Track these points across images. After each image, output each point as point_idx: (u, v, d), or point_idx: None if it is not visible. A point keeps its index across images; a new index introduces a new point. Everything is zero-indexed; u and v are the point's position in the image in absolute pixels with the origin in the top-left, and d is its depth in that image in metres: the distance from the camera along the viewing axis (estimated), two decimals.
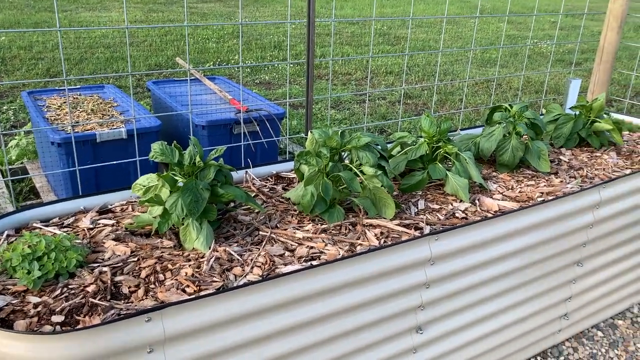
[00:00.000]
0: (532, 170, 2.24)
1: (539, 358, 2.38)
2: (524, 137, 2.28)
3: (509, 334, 2.14)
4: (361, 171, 1.82)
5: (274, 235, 1.68)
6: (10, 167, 3.79)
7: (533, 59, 8.54)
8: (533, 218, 1.94)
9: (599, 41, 3.55)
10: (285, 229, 1.72)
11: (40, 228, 1.67)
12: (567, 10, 13.48)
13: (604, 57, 3.51)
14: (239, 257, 1.55)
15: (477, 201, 1.95)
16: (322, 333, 1.58)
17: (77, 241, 1.59)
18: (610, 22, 3.42)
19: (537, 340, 2.32)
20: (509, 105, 2.31)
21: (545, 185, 2.10)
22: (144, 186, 1.66)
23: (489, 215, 1.87)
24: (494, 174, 2.20)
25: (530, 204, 1.96)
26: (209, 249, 1.56)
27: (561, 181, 2.15)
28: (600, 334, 2.54)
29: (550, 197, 2.01)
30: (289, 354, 1.52)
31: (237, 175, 2.08)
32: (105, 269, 1.47)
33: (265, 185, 2.04)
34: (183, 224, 1.59)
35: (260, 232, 1.70)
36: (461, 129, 2.57)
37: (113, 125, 3.21)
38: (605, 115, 2.58)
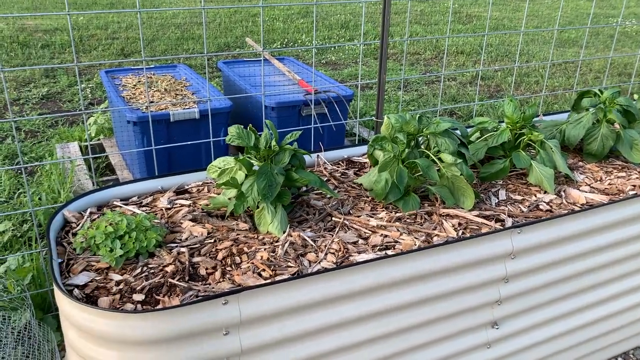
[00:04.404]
0: (622, 161, 2.08)
1: (619, 359, 2.25)
2: (615, 125, 2.12)
3: (588, 333, 2.03)
4: (439, 158, 1.75)
5: (347, 222, 1.65)
6: (88, 143, 3.95)
7: (616, 39, 8.00)
8: (624, 212, 1.80)
9: None
10: (359, 216, 1.69)
11: (120, 207, 1.71)
12: None
13: None
14: (312, 243, 1.53)
15: (562, 193, 1.84)
16: (395, 323, 1.54)
17: (156, 221, 1.62)
18: None
19: (620, 340, 2.19)
20: (599, 90, 2.15)
21: (637, 178, 1.95)
22: (219, 168, 1.67)
23: (576, 208, 1.76)
24: (581, 163, 2.06)
25: (621, 197, 1.82)
26: (284, 233, 1.55)
27: None
28: None
29: None
30: (365, 341, 1.50)
31: (308, 159, 2.06)
32: (183, 249, 1.49)
33: (337, 170, 2.01)
34: (258, 207, 1.59)
35: (333, 218, 1.67)
36: (543, 115, 2.43)
37: (186, 105, 3.27)
38: None
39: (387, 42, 2.61)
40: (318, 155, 2.08)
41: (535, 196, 1.81)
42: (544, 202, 1.77)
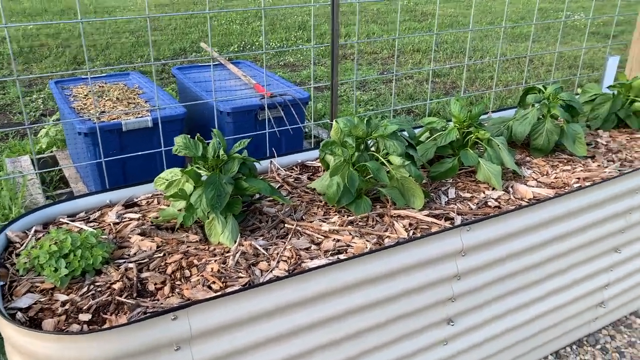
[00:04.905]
0: (567, 155, 2.14)
1: (574, 347, 2.31)
2: (559, 119, 2.19)
3: (542, 324, 2.08)
4: (388, 160, 1.76)
5: (299, 228, 1.65)
6: (40, 156, 3.84)
7: (566, 32, 8.24)
8: (569, 205, 1.86)
9: (637, 14, 3.37)
10: (311, 221, 1.69)
11: (67, 223, 1.67)
12: None
13: None
14: (264, 252, 1.52)
15: (510, 188, 1.88)
16: (350, 327, 1.55)
17: (104, 237, 1.58)
18: None
19: (573, 328, 2.26)
20: (543, 86, 2.21)
21: (582, 170, 2.02)
22: (167, 180, 1.64)
23: (523, 203, 1.80)
24: (528, 159, 2.11)
25: (566, 190, 1.88)
26: (235, 243, 1.54)
27: (599, 165, 2.06)
28: (639, 321, 2.46)
29: (587, 183, 1.92)
30: (317, 348, 1.50)
31: (262, 164, 2.05)
32: (131, 265, 1.46)
33: (291, 175, 2.01)
34: (208, 218, 1.57)
35: (286, 225, 1.67)
36: (492, 112, 2.48)
37: (139, 113, 3.21)
38: None
39: (338, 45, 2.62)
40: (271, 161, 2.07)
41: (484, 193, 1.84)
42: (492, 198, 1.81)
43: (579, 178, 1.96)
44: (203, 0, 10.39)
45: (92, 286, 1.39)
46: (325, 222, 1.69)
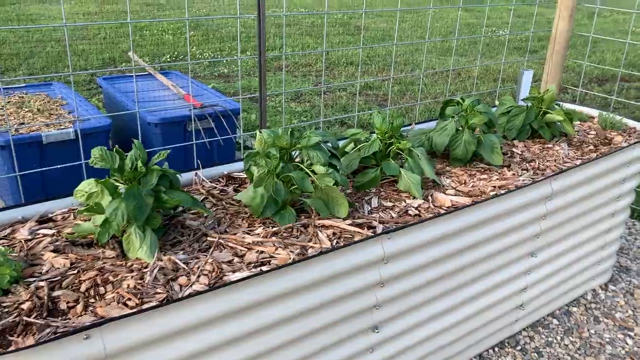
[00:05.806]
0: (485, 164, 2.24)
1: (496, 349, 2.40)
2: (476, 130, 2.28)
3: (465, 328, 2.15)
4: (312, 171, 1.78)
5: (222, 241, 1.63)
6: None
7: (492, 47, 8.64)
8: (486, 212, 1.94)
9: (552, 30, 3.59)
10: (235, 234, 1.68)
11: None
12: None
13: (556, 47, 3.55)
14: (184, 266, 1.49)
15: (430, 197, 1.94)
16: (275, 339, 1.54)
17: (14, 254, 1.51)
18: (561, 12, 3.46)
19: (494, 331, 2.35)
20: (461, 98, 2.30)
21: (497, 179, 2.11)
22: (86, 192, 1.59)
23: (442, 211, 1.86)
24: (448, 168, 2.19)
25: (482, 198, 1.96)
26: (153, 258, 1.50)
27: (513, 174, 2.16)
28: (555, 321, 2.59)
29: (502, 191, 2.02)
30: None
31: (187, 176, 2.02)
32: (42, 283, 1.40)
33: (216, 187, 1.99)
34: (125, 233, 1.53)
35: (209, 238, 1.65)
36: (416, 123, 2.56)
37: (61, 125, 3.09)
38: (556, 106, 2.60)
39: (265, 57, 2.63)
40: (196, 172, 2.04)
41: (405, 202, 1.89)
42: (413, 207, 1.86)
43: (494, 186, 2.05)
44: (134, 9, 10.16)
45: None
46: (249, 234, 1.68)
